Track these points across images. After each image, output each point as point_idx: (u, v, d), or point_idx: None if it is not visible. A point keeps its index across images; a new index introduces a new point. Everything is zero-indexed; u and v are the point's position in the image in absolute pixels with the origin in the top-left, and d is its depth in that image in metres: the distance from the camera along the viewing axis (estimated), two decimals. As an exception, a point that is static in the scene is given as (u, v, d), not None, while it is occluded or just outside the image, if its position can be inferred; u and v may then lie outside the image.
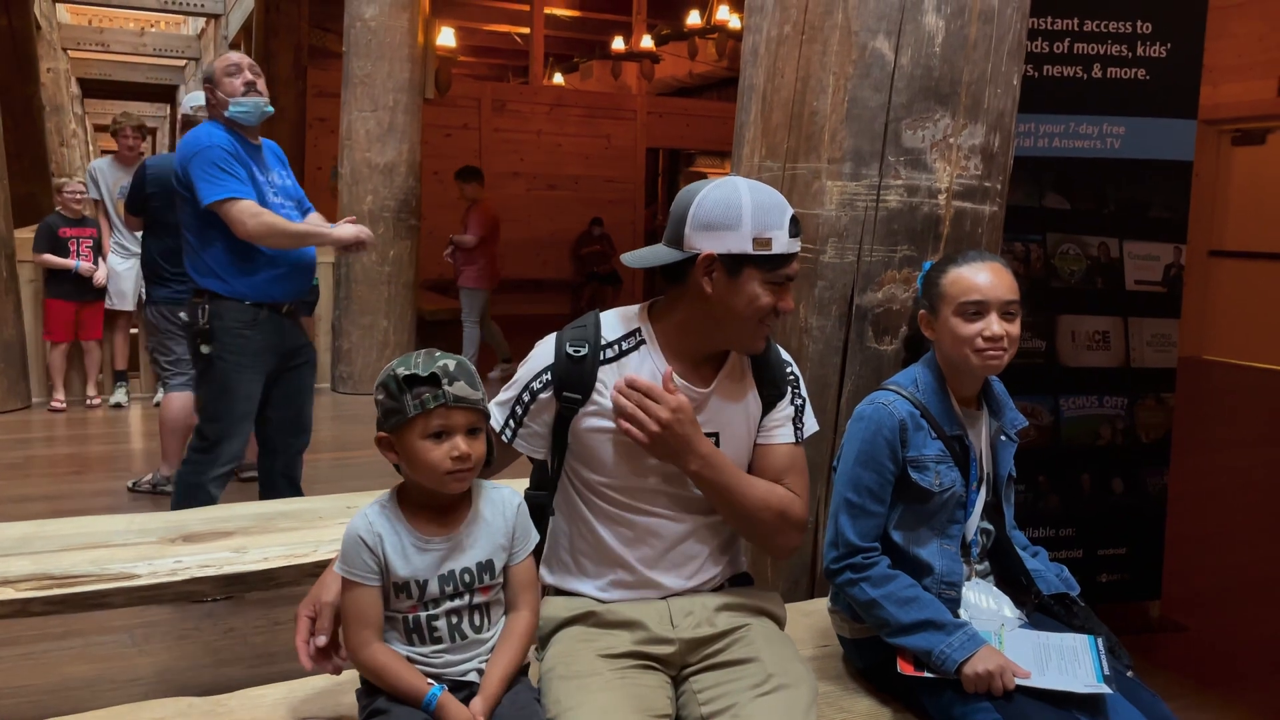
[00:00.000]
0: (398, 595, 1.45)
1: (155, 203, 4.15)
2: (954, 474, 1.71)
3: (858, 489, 1.71)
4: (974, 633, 1.60)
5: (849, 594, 1.70)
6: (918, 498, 1.70)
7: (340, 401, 6.53)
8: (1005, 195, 2.28)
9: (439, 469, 1.41)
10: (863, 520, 1.70)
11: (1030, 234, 3.04)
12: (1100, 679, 1.54)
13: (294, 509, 2.60)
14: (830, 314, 2.18)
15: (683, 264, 1.58)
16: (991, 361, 1.70)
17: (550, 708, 1.46)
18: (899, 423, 1.70)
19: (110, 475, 4.63)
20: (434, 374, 1.41)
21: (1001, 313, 1.69)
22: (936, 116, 2.12)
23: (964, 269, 1.73)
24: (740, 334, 1.60)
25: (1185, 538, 3.79)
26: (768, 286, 1.56)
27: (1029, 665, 1.57)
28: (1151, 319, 3.16)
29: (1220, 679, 2.92)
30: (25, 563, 2.10)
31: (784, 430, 1.68)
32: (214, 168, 3.08)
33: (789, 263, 1.57)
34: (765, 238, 1.54)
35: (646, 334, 1.64)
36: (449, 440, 1.41)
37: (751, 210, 1.54)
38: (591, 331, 1.63)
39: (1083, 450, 3.12)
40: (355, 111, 6.63)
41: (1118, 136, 3.05)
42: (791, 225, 1.57)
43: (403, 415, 1.41)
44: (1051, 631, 1.69)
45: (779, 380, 1.69)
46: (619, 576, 1.63)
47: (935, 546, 1.71)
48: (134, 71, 17.88)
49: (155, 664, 2.81)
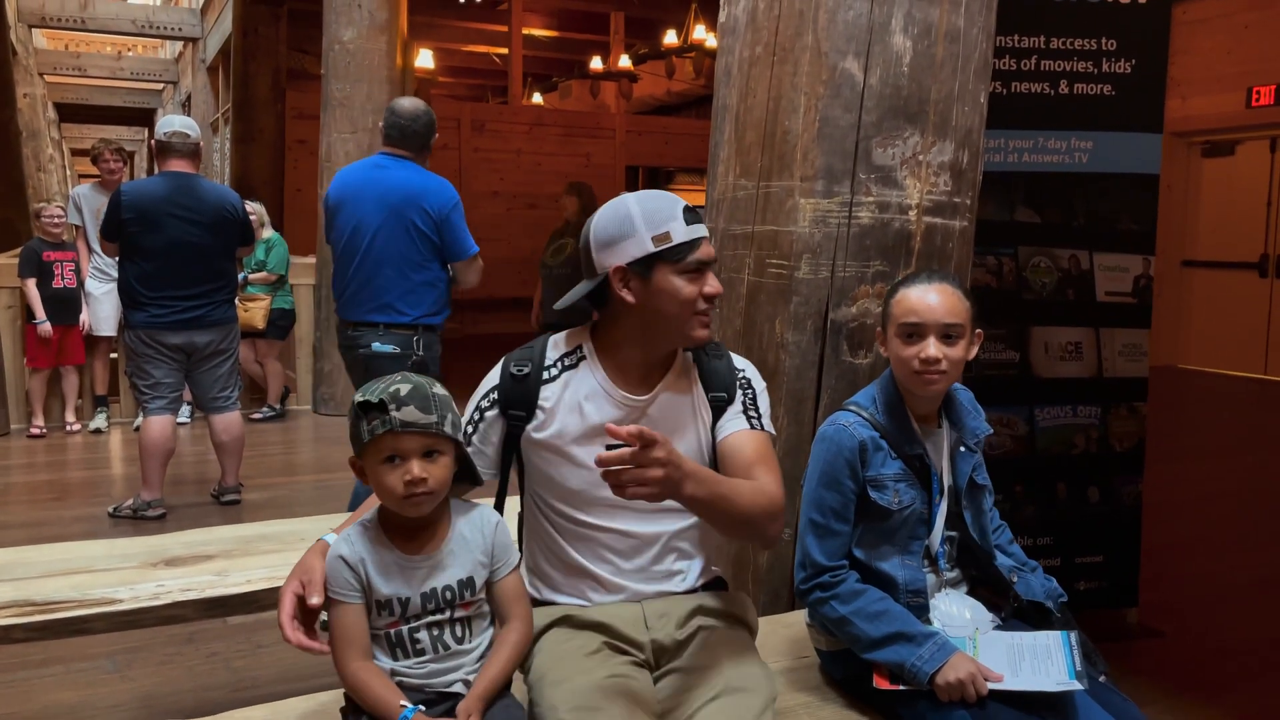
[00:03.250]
0: (380, 613, 1.47)
1: (133, 228, 4.14)
2: (914, 491, 1.74)
3: (821, 509, 1.74)
4: (944, 641, 1.63)
5: (820, 612, 1.73)
6: (878, 516, 1.74)
7: (321, 423, 6.51)
8: (975, 210, 2.33)
9: (395, 493, 1.44)
10: (829, 540, 1.73)
11: (1002, 247, 3.09)
12: (1072, 675, 1.56)
13: (275, 531, 2.61)
14: (805, 329, 2.21)
15: (603, 288, 1.63)
16: (930, 385, 1.72)
17: (547, 714, 1.47)
18: (859, 444, 1.73)
19: (90, 501, 4.61)
20: (382, 400, 1.43)
21: (940, 335, 1.71)
22: (906, 134, 2.16)
23: (911, 290, 1.76)
24: (678, 329, 1.63)
25: (1161, 545, 3.84)
26: (684, 277, 1.60)
27: (1002, 668, 1.60)
28: (1123, 329, 3.22)
29: (1197, 684, 2.95)
30: (6, 589, 2.10)
31: (736, 421, 1.70)
32: (464, 221, 3.56)
33: (695, 249, 1.61)
34: (662, 232, 1.59)
35: (587, 350, 1.69)
36: (403, 465, 1.44)
37: (641, 213, 1.60)
38: (537, 353, 1.69)
39: (1058, 459, 3.17)
40: (334, 133, 6.65)
41: (1085, 151, 3.11)
42: (686, 214, 1.61)
43: (359, 441, 1.46)
44: (1025, 632, 1.71)
45: (729, 386, 1.71)
46: (591, 585, 1.67)
47: (897, 561, 1.74)
48: (111, 96, 17.83)
49: (137, 689, 2.80)
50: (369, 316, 3.53)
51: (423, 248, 3.50)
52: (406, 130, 3.58)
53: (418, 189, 3.51)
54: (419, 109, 3.62)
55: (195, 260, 4.21)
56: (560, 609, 1.67)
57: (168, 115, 4.38)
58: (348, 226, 3.58)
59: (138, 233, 4.13)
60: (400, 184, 3.51)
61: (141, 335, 4.19)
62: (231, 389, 4.47)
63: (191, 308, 4.21)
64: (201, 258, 4.23)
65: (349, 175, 3.64)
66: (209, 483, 4.76)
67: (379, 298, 3.51)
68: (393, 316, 3.51)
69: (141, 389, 4.27)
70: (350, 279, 3.58)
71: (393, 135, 3.59)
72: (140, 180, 4.43)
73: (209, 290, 4.27)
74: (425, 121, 3.60)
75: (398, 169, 3.56)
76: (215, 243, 4.28)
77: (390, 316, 3.51)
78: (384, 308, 3.51)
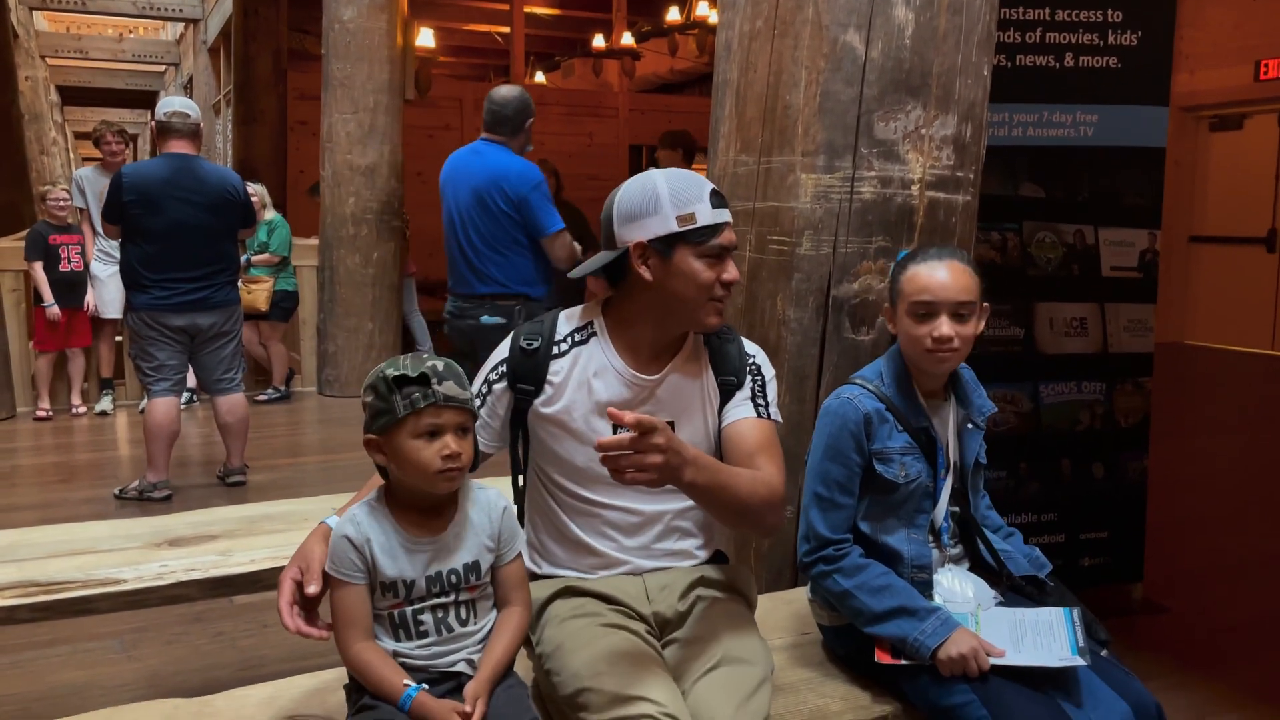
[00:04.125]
0: (384, 594, 1.47)
1: (134, 210, 4.13)
2: (920, 465, 1.73)
3: (826, 483, 1.73)
4: (947, 616, 1.63)
5: (823, 586, 1.73)
6: (884, 489, 1.73)
7: (326, 404, 6.53)
8: (978, 185, 2.31)
9: (430, 468, 1.43)
10: (833, 513, 1.73)
11: (1007, 222, 3.07)
12: (1074, 651, 1.56)
13: (279, 511, 2.61)
14: (807, 306, 2.20)
15: (622, 261, 1.62)
16: (942, 362, 1.72)
17: (570, 682, 1.47)
18: (864, 417, 1.72)
19: (97, 483, 4.62)
20: (424, 374, 1.43)
21: (952, 314, 1.70)
22: (908, 108, 2.14)
23: (921, 267, 1.74)
24: (691, 314, 1.62)
25: (1166, 521, 3.83)
26: (704, 261, 1.59)
27: (1005, 643, 1.60)
28: (1128, 304, 3.20)
29: (1201, 659, 2.95)
30: (10, 570, 2.10)
31: (743, 407, 1.69)
32: (547, 201, 3.74)
33: (719, 233, 1.60)
34: (687, 213, 1.58)
35: (598, 326, 1.68)
36: (439, 439, 1.43)
37: (668, 192, 1.59)
38: (547, 327, 1.69)
39: (1062, 436, 3.16)
40: (336, 114, 6.63)
41: (1091, 124, 3.08)
42: (713, 197, 1.60)
43: (392, 415, 1.42)
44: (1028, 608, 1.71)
45: (738, 370, 1.71)
46: (592, 562, 1.67)
47: (903, 534, 1.74)
48: (113, 78, 17.79)
49: (144, 669, 2.81)
50: (475, 290, 3.80)
51: (509, 226, 3.73)
52: (499, 115, 3.83)
53: (500, 172, 3.76)
54: (511, 95, 3.87)
55: (197, 242, 4.21)
56: (562, 580, 1.67)
57: (168, 96, 4.36)
58: (448, 208, 3.88)
59: (139, 215, 4.13)
60: (486, 167, 3.76)
61: (144, 317, 4.19)
62: (236, 371, 4.48)
63: (194, 289, 4.21)
64: (204, 239, 4.23)
65: (452, 160, 3.95)
66: (215, 464, 4.78)
67: (482, 273, 3.78)
68: (495, 289, 3.76)
69: (145, 371, 4.27)
70: (456, 256, 3.85)
71: (488, 121, 3.85)
72: (141, 162, 4.40)
73: (212, 272, 4.26)
74: (515, 107, 3.84)
75: (490, 153, 3.81)
76: (217, 224, 4.28)
77: (493, 289, 3.77)
78: (487, 281, 3.77)
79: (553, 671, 1.52)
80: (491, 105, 3.84)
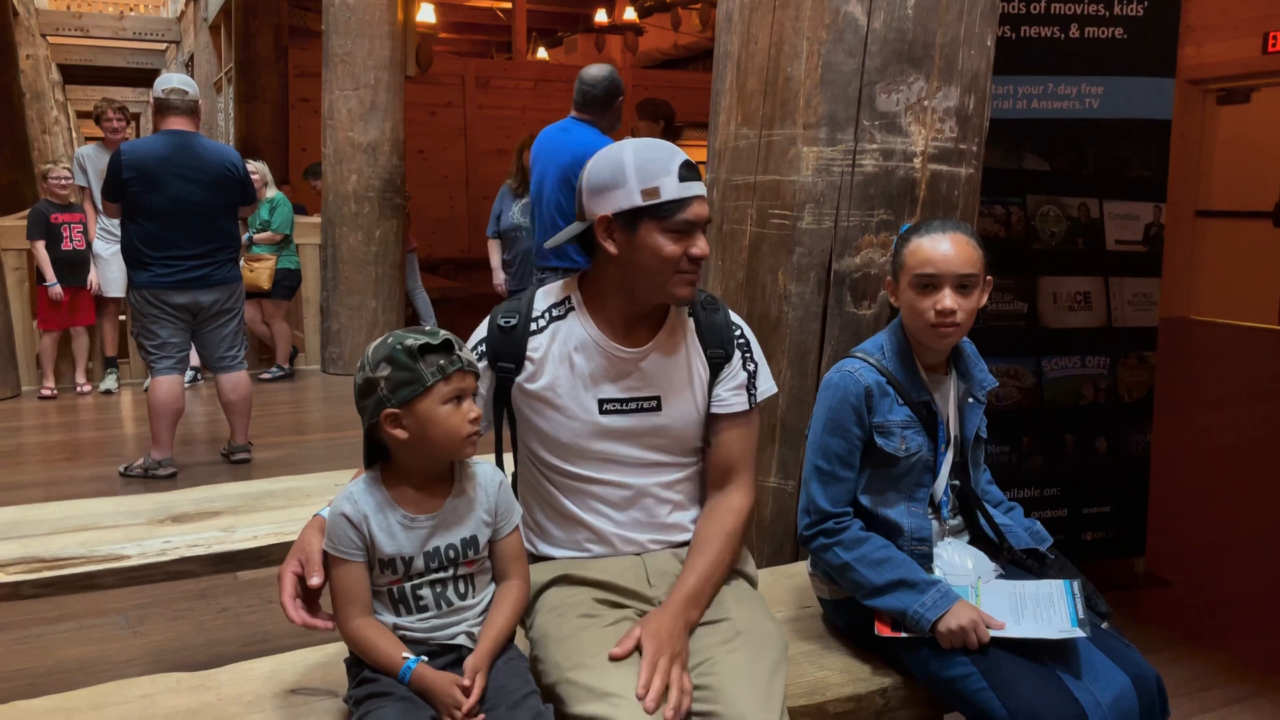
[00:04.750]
0: (383, 571, 1.47)
1: (134, 187, 4.12)
2: (920, 438, 1.73)
3: (827, 456, 1.73)
4: (947, 589, 1.63)
5: (823, 559, 1.73)
6: (884, 462, 1.73)
7: (330, 382, 6.53)
8: (981, 157, 2.29)
9: (460, 433, 1.44)
10: (833, 486, 1.72)
11: (1010, 196, 3.05)
12: (1074, 623, 1.56)
13: (282, 488, 2.62)
14: (809, 280, 2.19)
15: (591, 233, 1.61)
16: (945, 336, 1.71)
17: (550, 671, 1.48)
18: (864, 390, 1.72)
19: (103, 461, 4.64)
20: (447, 340, 1.45)
21: (956, 286, 1.69)
22: (910, 79, 2.12)
23: (924, 239, 1.72)
24: (658, 287, 1.60)
25: (1169, 495, 3.83)
26: (669, 235, 1.56)
27: (1004, 616, 1.60)
28: (1132, 278, 3.18)
29: (1204, 632, 2.95)
30: (14, 546, 2.11)
31: (738, 399, 1.69)
32: None
33: (685, 208, 1.56)
34: (652, 187, 1.55)
35: (576, 301, 1.67)
36: (465, 404, 1.45)
37: (635, 165, 1.56)
38: (525, 304, 1.68)
39: (1066, 410, 3.15)
40: (337, 91, 6.59)
41: (1096, 96, 3.05)
42: (682, 170, 1.56)
43: (420, 384, 1.42)
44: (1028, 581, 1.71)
45: (725, 342, 1.69)
46: (587, 536, 1.67)
47: (903, 508, 1.73)
48: (114, 56, 17.69)
49: (150, 645, 2.83)
50: (551, 263, 3.96)
51: None
52: (588, 95, 3.96)
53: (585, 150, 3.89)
54: (601, 75, 3.97)
55: (198, 219, 4.20)
56: (558, 565, 1.66)
57: (166, 73, 4.34)
58: (536, 183, 4.06)
59: (140, 192, 4.12)
60: (572, 145, 3.90)
61: (146, 295, 4.19)
62: (238, 348, 4.48)
63: (196, 267, 4.21)
64: (204, 216, 4.22)
65: (542, 137, 4.10)
66: (219, 442, 4.79)
67: (562, 250, 3.83)
68: (570, 264, 3.87)
69: (149, 349, 4.27)
70: (539, 230, 4.06)
71: (578, 100, 3.98)
72: (140, 139, 4.39)
73: (213, 249, 4.26)
74: (605, 87, 3.96)
75: (578, 131, 3.96)
76: (217, 201, 4.27)
77: (569, 264, 3.88)
78: (565, 257, 3.89)
79: (538, 659, 1.53)
80: (582, 85, 3.94)
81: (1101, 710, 1.50)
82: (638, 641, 1.46)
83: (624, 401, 1.63)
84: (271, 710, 1.51)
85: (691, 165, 1.59)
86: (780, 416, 2.23)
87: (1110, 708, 1.50)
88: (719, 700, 1.40)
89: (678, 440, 1.67)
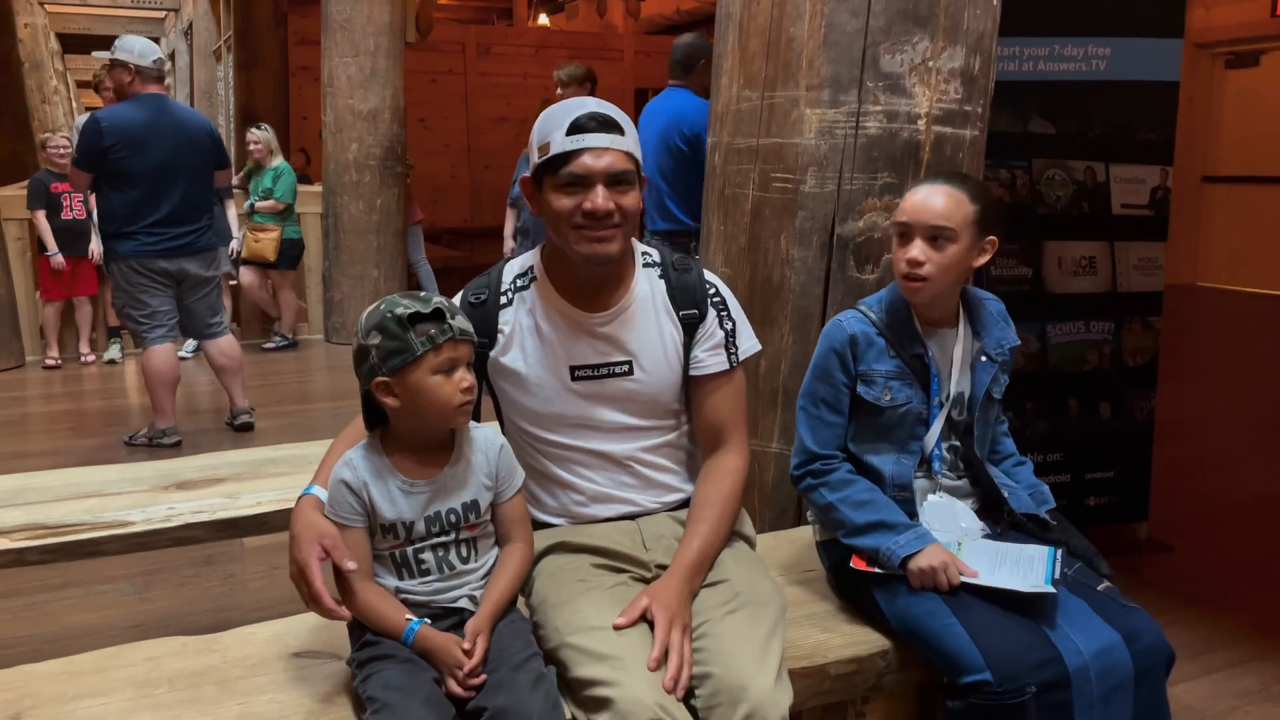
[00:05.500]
0: (384, 535, 1.47)
1: (119, 153, 4.05)
2: (910, 390, 1.73)
3: (814, 400, 1.77)
4: (924, 533, 1.65)
5: (809, 498, 1.77)
6: (869, 412, 1.75)
7: (333, 352, 6.54)
8: (986, 119, 2.26)
9: (451, 403, 1.43)
10: (821, 429, 1.76)
11: (1016, 160, 3.02)
12: (1048, 581, 1.56)
13: (284, 455, 2.63)
14: (811, 244, 2.17)
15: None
16: (913, 289, 1.69)
17: (550, 637, 1.48)
18: (850, 337, 1.74)
19: (107, 430, 4.65)
20: (438, 309, 1.42)
21: (927, 237, 1.68)
22: (915, 39, 2.09)
23: (916, 191, 1.72)
24: (567, 245, 1.56)
25: (1172, 460, 3.83)
26: (561, 191, 1.53)
27: (983, 566, 1.60)
28: (1138, 243, 3.16)
29: (1206, 596, 2.96)
30: (19, 513, 2.12)
31: (717, 359, 1.67)
32: None
33: (571, 160, 1.51)
34: (545, 143, 1.54)
35: (538, 270, 1.66)
36: (457, 373, 1.43)
37: (539, 124, 1.55)
38: (494, 279, 1.67)
39: (1070, 376, 3.14)
40: (336, 58, 6.54)
41: (1103, 58, 3.01)
42: (577, 122, 1.51)
43: (410, 353, 1.41)
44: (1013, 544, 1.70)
45: (699, 302, 1.66)
46: (577, 501, 1.67)
47: (891, 458, 1.75)
48: (114, 25, 17.49)
49: (156, 610, 2.85)
50: (659, 226, 4.11)
51: (688, 164, 3.97)
52: (672, 61, 4.16)
53: (677, 113, 4.04)
54: (683, 40, 4.18)
55: (182, 183, 4.17)
56: (555, 533, 1.66)
57: (125, 38, 4.23)
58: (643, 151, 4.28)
59: (125, 158, 4.05)
60: (668, 110, 4.08)
61: (134, 265, 4.13)
62: (221, 313, 4.50)
63: (181, 234, 4.19)
64: (188, 181, 4.20)
65: (647, 108, 4.27)
66: (223, 411, 4.79)
67: (665, 210, 4.09)
68: (672, 226, 4.07)
69: (139, 319, 4.22)
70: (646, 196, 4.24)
71: (669, 69, 4.17)
72: (115, 106, 4.25)
73: (195, 215, 4.24)
74: (684, 50, 4.15)
75: (674, 97, 4.14)
76: (199, 164, 4.26)
77: (671, 225, 4.07)
78: (668, 218, 4.08)
79: (539, 625, 1.53)
80: (672, 53, 4.17)
81: (1082, 658, 1.49)
82: (643, 611, 1.46)
83: (595, 367, 1.62)
84: (276, 673, 1.52)
85: (599, 118, 1.52)
86: (783, 382, 2.22)
87: (1094, 658, 1.49)
88: (716, 662, 1.41)
89: (654, 404, 1.66)
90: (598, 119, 1.52)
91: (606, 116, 1.53)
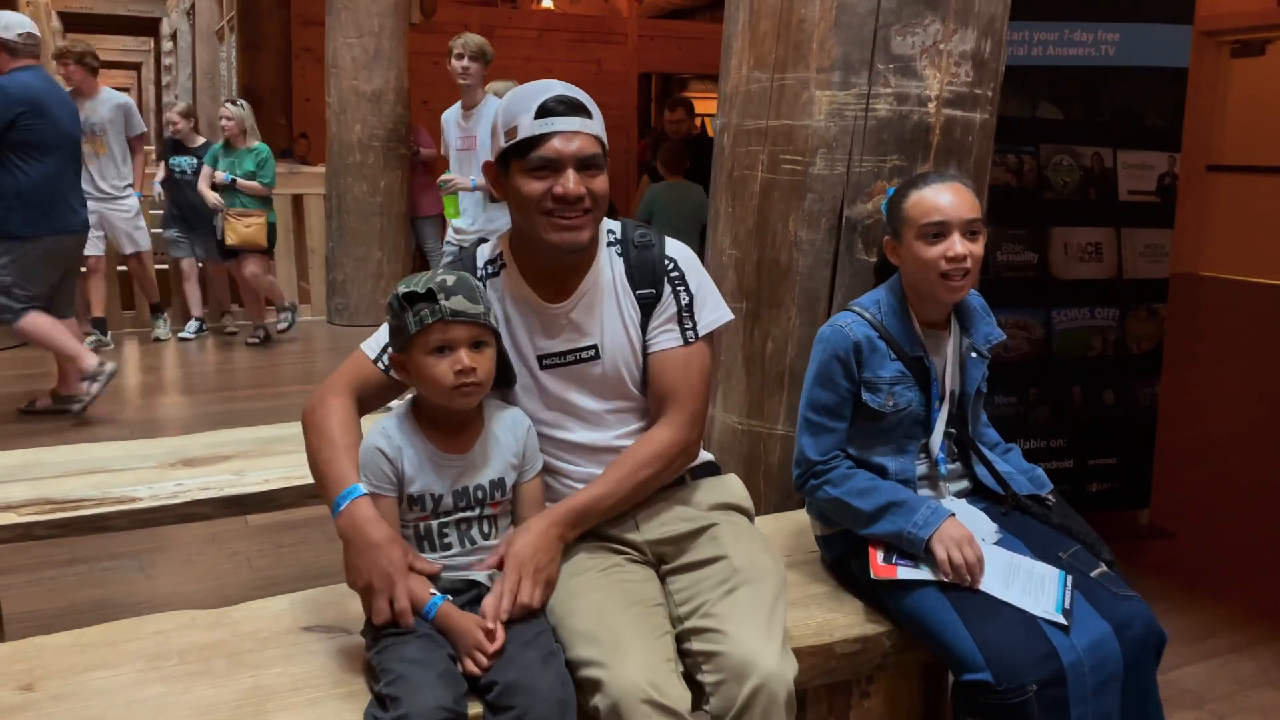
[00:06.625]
0: (411, 507, 1.49)
1: (28, 121, 3.90)
2: (911, 394, 1.73)
3: (816, 408, 1.76)
4: (936, 505, 1.66)
5: (816, 499, 1.77)
6: (871, 417, 1.74)
7: (336, 333, 6.54)
8: (997, 102, 2.26)
9: (444, 384, 1.43)
10: (823, 437, 1.75)
11: (1023, 145, 3.02)
12: (1059, 610, 1.55)
13: (291, 433, 2.61)
14: (820, 227, 2.17)
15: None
16: (955, 290, 1.69)
17: (548, 617, 1.49)
18: (853, 344, 1.73)
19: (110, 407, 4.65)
20: (430, 289, 1.42)
21: (964, 232, 1.68)
22: (926, 22, 2.08)
23: (925, 191, 1.71)
24: (535, 232, 1.53)
25: (1174, 447, 3.84)
26: (530, 175, 1.50)
27: (996, 580, 1.60)
28: (1145, 229, 3.16)
29: (1207, 582, 2.98)
30: (25, 488, 2.13)
31: (669, 335, 1.61)
32: None
33: (540, 145, 1.48)
34: (512, 127, 1.51)
35: (506, 257, 1.63)
36: (452, 355, 1.43)
37: (504, 108, 1.53)
38: (468, 264, 1.64)
39: (1074, 362, 3.14)
40: (340, 39, 6.52)
41: (1112, 44, 3.01)
42: (548, 104, 1.48)
43: (405, 334, 1.44)
44: (1028, 549, 1.69)
45: (656, 280, 1.62)
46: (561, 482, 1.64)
47: (891, 458, 1.75)
48: (115, 4, 17.47)
49: (162, 586, 2.87)
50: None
51: None
52: None
53: None
54: None
55: (77, 156, 4.16)
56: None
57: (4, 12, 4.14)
58: None
59: (34, 125, 3.91)
60: None
61: (46, 244, 4.00)
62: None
63: (82, 210, 4.18)
64: (78, 154, 4.19)
65: None
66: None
67: None
68: None
69: (19, 298, 3.98)
70: None
71: None
72: (12, 75, 3.99)
73: (82, 191, 4.23)
74: None
75: None
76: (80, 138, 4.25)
77: None
78: None
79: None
80: None
81: (1076, 652, 1.50)
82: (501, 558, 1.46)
83: (562, 355, 1.60)
84: (286, 646, 1.53)
85: (567, 101, 1.50)
86: (789, 364, 2.22)
87: (1087, 651, 1.50)
88: (723, 641, 1.42)
89: (622, 387, 1.63)
90: (566, 102, 1.50)
91: (574, 99, 1.51)
